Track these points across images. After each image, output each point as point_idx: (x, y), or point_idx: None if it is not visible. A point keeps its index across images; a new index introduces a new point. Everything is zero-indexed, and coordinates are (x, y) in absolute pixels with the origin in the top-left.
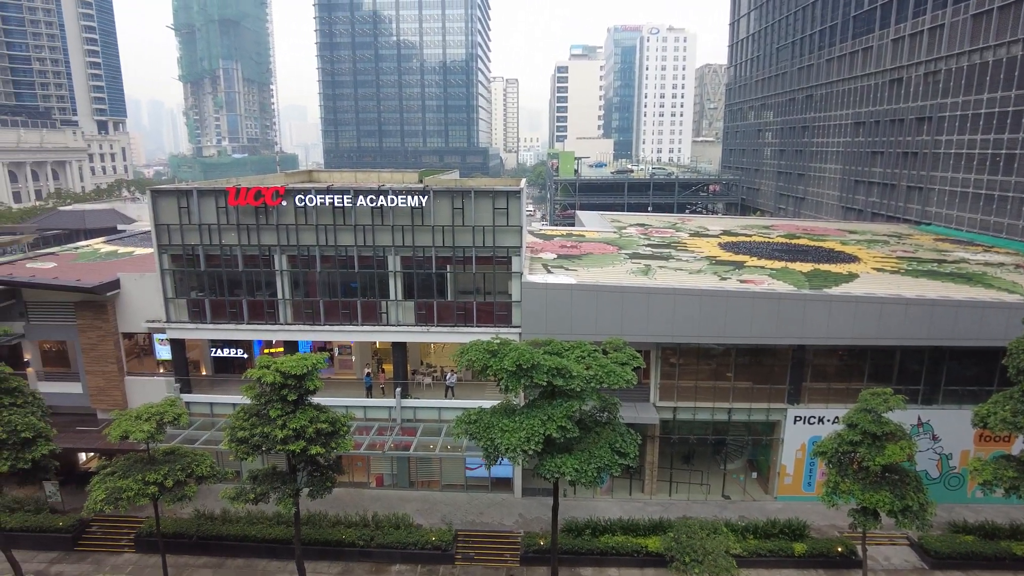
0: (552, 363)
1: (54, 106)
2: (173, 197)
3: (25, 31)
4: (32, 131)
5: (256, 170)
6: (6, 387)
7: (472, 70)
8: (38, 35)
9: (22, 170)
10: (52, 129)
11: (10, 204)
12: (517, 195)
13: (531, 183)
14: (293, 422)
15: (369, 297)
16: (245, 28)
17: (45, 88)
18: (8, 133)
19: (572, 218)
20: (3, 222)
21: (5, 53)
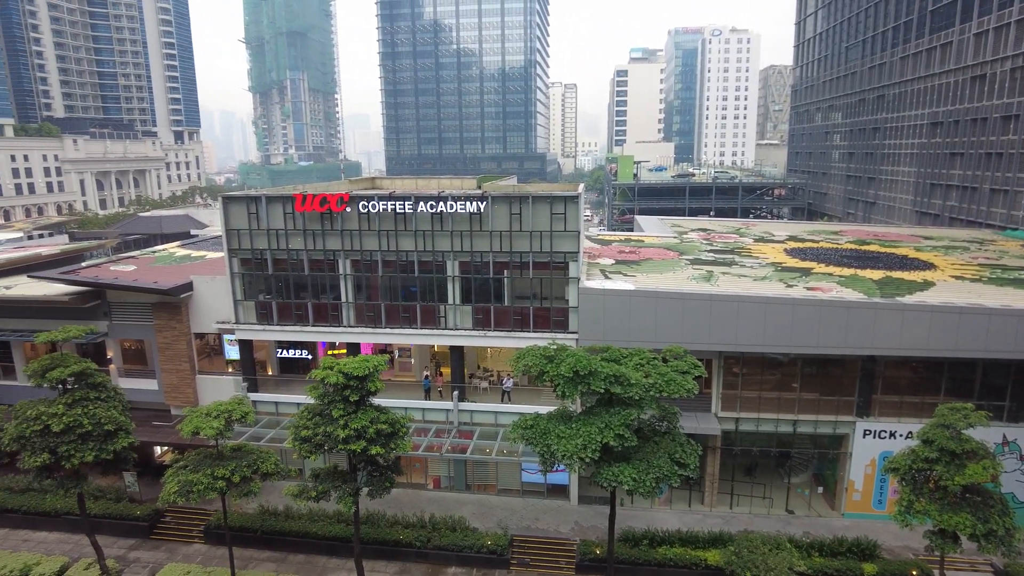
0: (610, 370)
1: (136, 118)
2: (243, 203)
3: (112, 49)
4: (117, 142)
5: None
6: (92, 382)
7: (530, 76)
8: (124, 52)
9: (108, 179)
10: (134, 140)
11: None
12: (575, 200)
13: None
14: (355, 422)
15: (428, 301)
16: (311, 39)
17: (129, 102)
18: (96, 145)
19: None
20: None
21: (95, 71)
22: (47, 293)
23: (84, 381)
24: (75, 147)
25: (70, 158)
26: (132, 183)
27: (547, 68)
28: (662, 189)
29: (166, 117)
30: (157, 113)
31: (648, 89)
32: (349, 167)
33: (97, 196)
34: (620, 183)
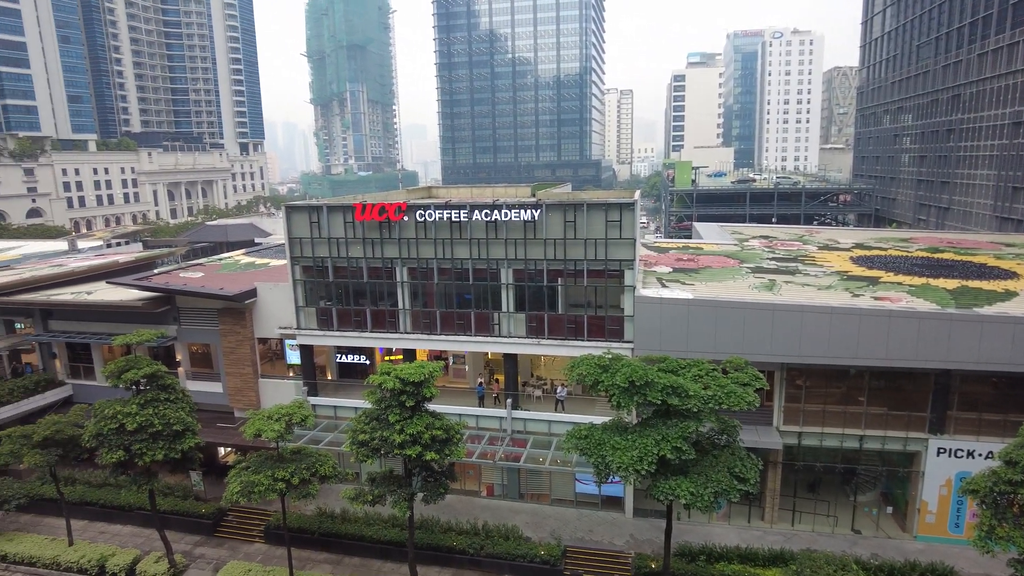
0: (667, 381)
1: (205, 131)
2: (305, 213)
3: (184, 67)
4: (187, 154)
5: (379, 187)
6: (162, 384)
7: (585, 83)
8: (195, 69)
9: (178, 189)
10: (203, 152)
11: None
12: (631, 207)
13: (645, 194)
14: (410, 427)
15: (482, 308)
16: (370, 52)
17: (199, 116)
18: (168, 157)
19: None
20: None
21: (169, 87)
22: (123, 298)
23: (155, 383)
24: (149, 160)
25: (145, 170)
26: (200, 193)
27: (602, 75)
28: (721, 195)
29: (232, 130)
30: (224, 126)
31: (706, 94)
32: (406, 176)
33: (168, 206)
34: (677, 189)
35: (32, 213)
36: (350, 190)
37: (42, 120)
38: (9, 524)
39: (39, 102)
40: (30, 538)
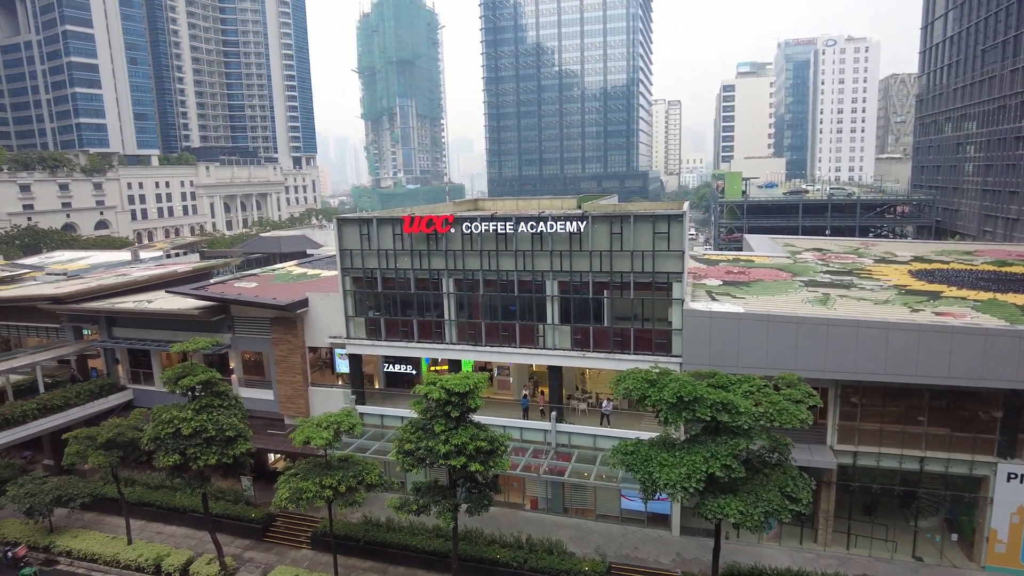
0: (716, 397)
1: (260, 146)
2: (356, 225)
3: (241, 84)
4: (242, 168)
5: (427, 200)
6: (216, 391)
7: (633, 94)
8: (251, 87)
9: (234, 202)
10: (258, 166)
11: (224, 231)
12: (679, 219)
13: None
14: (455, 438)
15: (527, 320)
16: (419, 67)
17: (254, 131)
18: (224, 171)
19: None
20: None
21: (227, 103)
22: (181, 307)
23: (210, 389)
24: (207, 174)
25: (203, 183)
26: (255, 206)
27: (650, 86)
28: (773, 207)
29: (286, 144)
30: (278, 141)
31: (757, 103)
32: (453, 189)
33: (224, 218)
34: (727, 200)
35: (100, 225)
36: (399, 203)
37: (111, 137)
38: (74, 521)
39: (108, 120)
40: (92, 535)
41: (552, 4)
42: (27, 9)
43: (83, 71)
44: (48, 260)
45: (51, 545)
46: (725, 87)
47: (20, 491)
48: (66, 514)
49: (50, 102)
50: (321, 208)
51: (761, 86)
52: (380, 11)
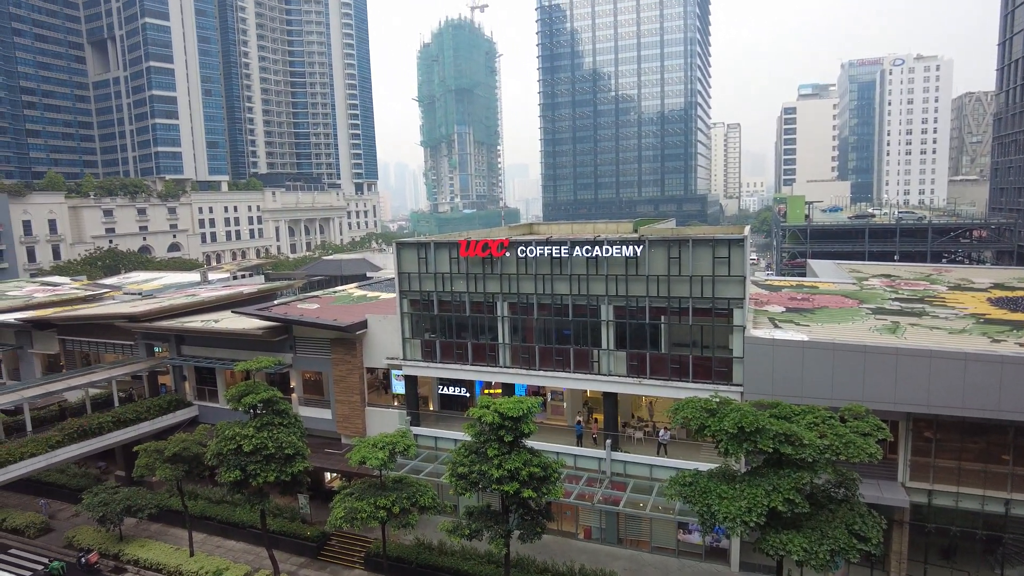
0: (779, 428)
1: (324, 172)
2: (414, 249)
3: (307, 113)
4: (307, 194)
5: (483, 224)
6: (277, 409)
7: (691, 117)
8: (316, 115)
9: (298, 226)
10: (321, 192)
11: (288, 254)
12: (740, 243)
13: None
14: (508, 463)
15: (582, 345)
16: (477, 95)
17: (318, 158)
18: (290, 196)
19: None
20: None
21: (292, 131)
22: (245, 327)
23: (271, 407)
24: (273, 199)
25: (269, 208)
26: (318, 230)
27: (708, 109)
28: (837, 231)
29: (349, 171)
30: (341, 167)
31: (819, 126)
32: (509, 214)
33: (289, 241)
34: (790, 225)
35: (172, 247)
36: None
37: (185, 164)
38: (141, 531)
39: (183, 148)
40: (158, 546)
41: (609, 31)
42: (117, 48)
43: (163, 103)
44: (125, 280)
45: (120, 553)
46: (786, 109)
47: (94, 500)
48: (135, 523)
49: (133, 132)
50: (381, 232)
51: (824, 108)
52: (440, 41)
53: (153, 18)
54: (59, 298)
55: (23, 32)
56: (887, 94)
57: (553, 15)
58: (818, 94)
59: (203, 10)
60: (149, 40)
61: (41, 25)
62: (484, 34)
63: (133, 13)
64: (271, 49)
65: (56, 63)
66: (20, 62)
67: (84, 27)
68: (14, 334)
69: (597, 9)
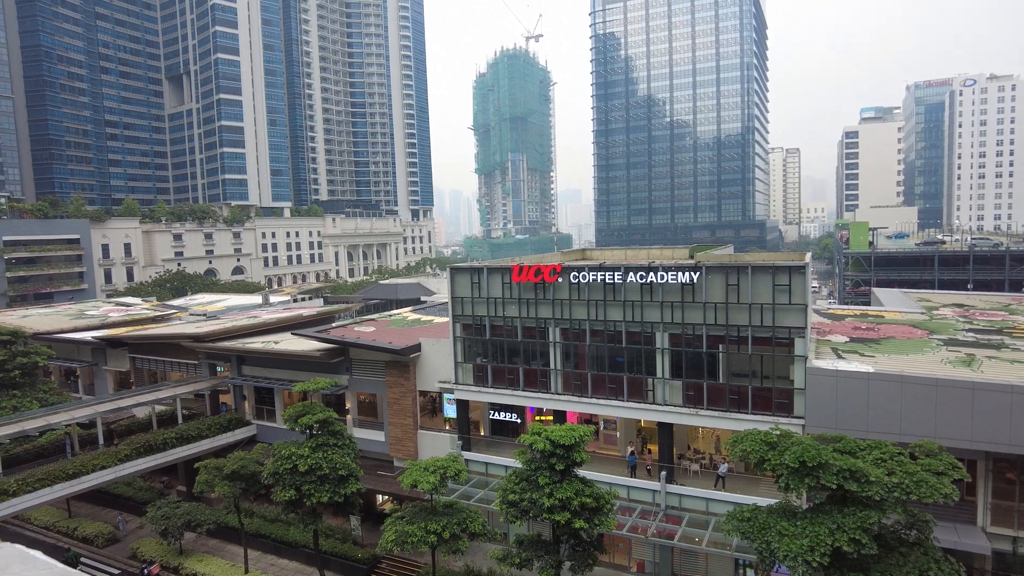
0: (844, 463)
1: (381, 199)
2: (467, 274)
3: (367, 142)
4: (365, 220)
5: (535, 250)
6: (332, 430)
7: (748, 142)
8: (375, 144)
9: (356, 251)
10: (379, 218)
11: (346, 278)
12: (801, 270)
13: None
14: (560, 492)
15: (635, 373)
16: (531, 123)
17: (377, 185)
18: (349, 222)
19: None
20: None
21: (352, 160)
22: (304, 348)
23: (326, 428)
24: (333, 225)
25: (329, 234)
26: (375, 254)
27: (766, 133)
28: (904, 258)
29: (405, 198)
30: (398, 194)
31: (883, 150)
32: (561, 239)
33: (347, 266)
34: (853, 252)
35: (236, 271)
36: (508, 253)
37: (250, 191)
38: (200, 546)
39: (249, 176)
40: (215, 561)
41: (664, 57)
42: (191, 82)
43: (231, 133)
44: (192, 302)
45: (180, 566)
46: (848, 133)
47: (157, 513)
48: (194, 538)
49: (202, 161)
50: (435, 257)
51: (888, 131)
52: (495, 71)
53: (225, 53)
54: (131, 318)
55: (110, 70)
56: (957, 115)
57: (607, 43)
58: (881, 117)
59: (270, 45)
60: (220, 74)
61: (126, 63)
62: (538, 63)
63: (207, 49)
64: (333, 81)
65: (137, 97)
66: (106, 97)
67: (163, 63)
68: (91, 351)
69: (652, 36)
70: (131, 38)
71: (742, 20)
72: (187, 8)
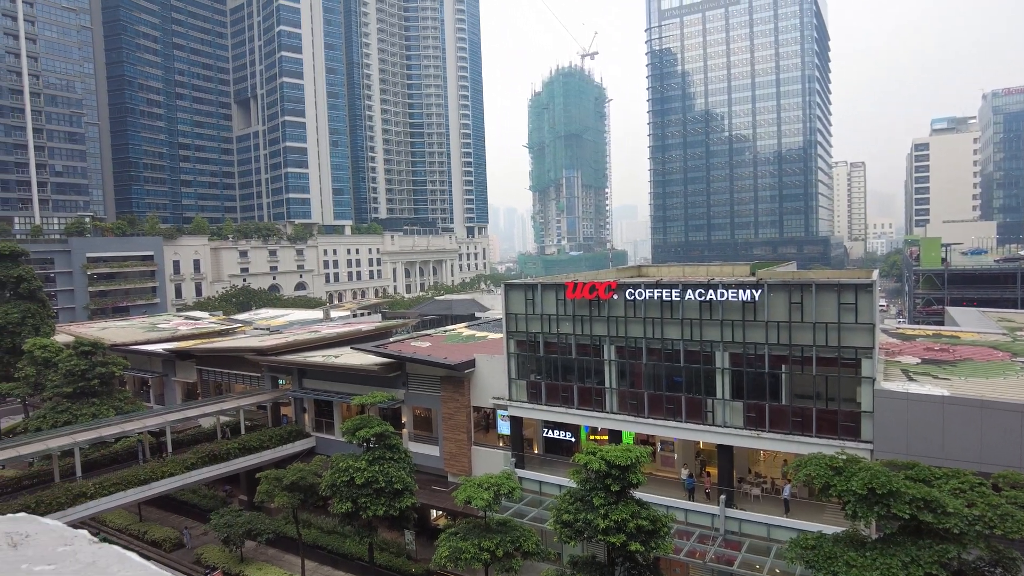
0: (917, 492)
1: (438, 217)
2: (521, 290)
3: (424, 162)
4: (422, 237)
5: (589, 266)
6: (388, 443)
7: (810, 156)
8: (432, 164)
9: (413, 267)
10: (435, 235)
11: (403, 294)
12: (868, 288)
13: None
14: (615, 513)
15: (694, 393)
16: (586, 140)
17: (433, 203)
18: (407, 239)
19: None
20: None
21: (411, 179)
22: (362, 363)
23: (383, 442)
24: (391, 242)
25: (387, 251)
26: (431, 271)
27: (829, 147)
28: (982, 276)
29: (461, 215)
30: (454, 212)
31: (957, 162)
32: (616, 256)
33: (404, 282)
34: (924, 269)
35: (299, 286)
36: (562, 269)
37: (313, 209)
38: (259, 555)
39: (312, 195)
40: (273, 570)
41: (722, 72)
42: (258, 105)
43: (295, 154)
44: (256, 316)
45: (240, 573)
46: (917, 146)
47: (220, 521)
48: (254, 547)
49: (267, 181)
50: (489, 274)
51: (962, 143)
52: (550, 90)
53: (289, 77)
54: (199, 331)
55: (184, 95)
56: None
57: (663, 59)
58: (955, 128)
59: (333, 68)
60: (285, 97)
61: (199, 88)
62: (593, 80)
63: (273, 74)
64: (392, 103)
65: (207, 120)
66: (180, 121)
67: (232, 88)
68: (162, 362)
69: (709, 51)
70: (204, 65)
71: (803, 32)
72: (255, 35)
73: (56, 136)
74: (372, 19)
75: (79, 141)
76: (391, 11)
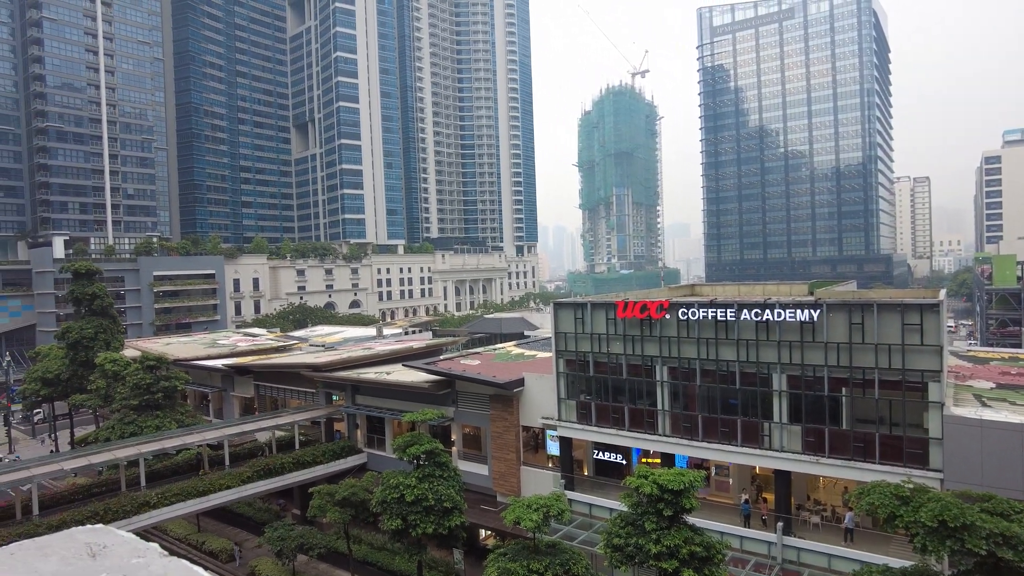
0: (994, 526)
1: (488, 236)
2: (571, 309)
3: (475, 182)
4: (472, 256)
5: (640, 285)
6: (438, 461)
7: (870, 172)
8: (483, 184)
9: (463, 286)
10: (485, 254)
11: (453, 312)
12: (934, 309)
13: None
14: (667, 539)
15: (750, 416)
16: (636, 158)
17: (483, 223)
18: (457, 258)
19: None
20: (447, 326)
21: (462, 199)
22: (413, 380)
23: (433, 459)
24: (443, 261)
25: (438, 269)
26: (482, 289)
27: (890, 162)
28: None
29: (511, 234)
30: (504, 231)
31: None
32: (668, 274)
33: (455, 300)
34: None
35: (353, 304)
36: (612, 288)
37: (367, 229)
38: (311, 569)
39: (366, 215)
40: None
41: (776, 87)
42: (315, 129)
43: (350, 176)
44: (311, 333)
45: None
46: (988, 159)
47: (274, 534)
48: (305, 561)
49: (324, 202)
50: (539, 292)
51: None
52: (600, 108)
53: (346, 102)
54: (257, 347)
55: (245, 120)
56: None
57: (716, 75)
58: None
59: (387, 92)
60: (342, 121)
61: (259, 113)
62: (644, 98)
63: (330, 99)
64: (444, 124)
65: (267, 144)
66: (241, 145)
67: (291, 112)
68: (220, 378)
69: (763, 66)
70: (264, 91)
71: (861, 44)
72: (313, 61)
73: (129, 161)
74: (425, 44)
75: (149, 165)
76: (443, 35)
